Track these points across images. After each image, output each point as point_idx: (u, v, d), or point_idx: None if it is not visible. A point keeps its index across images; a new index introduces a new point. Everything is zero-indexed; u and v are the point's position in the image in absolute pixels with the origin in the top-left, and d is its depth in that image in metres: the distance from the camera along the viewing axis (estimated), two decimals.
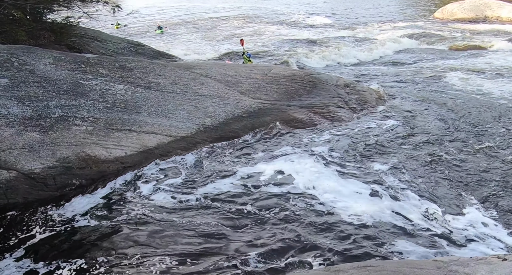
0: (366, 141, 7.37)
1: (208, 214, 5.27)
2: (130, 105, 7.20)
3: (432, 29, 19.69)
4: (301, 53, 16.07)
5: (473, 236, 4.84)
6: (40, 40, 9.63)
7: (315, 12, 29.64)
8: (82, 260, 4.51)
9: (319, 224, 4.95)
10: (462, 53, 15.18)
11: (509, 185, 5.97)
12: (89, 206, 5.57)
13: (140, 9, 35.15)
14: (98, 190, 5.95)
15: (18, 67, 6.91)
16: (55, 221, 5.28)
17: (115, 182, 6.14)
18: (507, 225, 5.06)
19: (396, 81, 11.61)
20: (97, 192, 5.90)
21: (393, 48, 16.63)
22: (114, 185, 6.06)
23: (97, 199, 5.73)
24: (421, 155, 6.85)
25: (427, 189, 5.80)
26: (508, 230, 4.96)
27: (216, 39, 21.22)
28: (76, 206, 5.58)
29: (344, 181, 5.97)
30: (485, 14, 21.66)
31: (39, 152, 5.90)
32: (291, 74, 9.72)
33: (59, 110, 6.56)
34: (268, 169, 6.35)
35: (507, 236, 4.84)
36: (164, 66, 8.58)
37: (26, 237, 4.99)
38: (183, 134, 7.14)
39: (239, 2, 40.25)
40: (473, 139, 7.49)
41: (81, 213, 5.43)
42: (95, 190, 5.96)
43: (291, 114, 8.37)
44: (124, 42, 13.11)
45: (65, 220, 5.30)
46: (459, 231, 4.93)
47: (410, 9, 28.30)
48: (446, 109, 9.01)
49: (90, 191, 5.93)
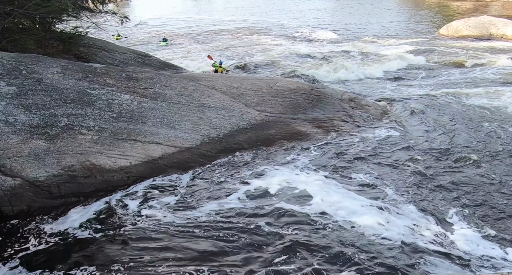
0: (371, 155, 7.38)
1: (213, 232, 5.13)
2: (136, 116, 7.24)
3: (437, 46, 19.77)
4: (306, 66, 16.16)
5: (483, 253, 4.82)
6: (49, 49, 9.73)
7: (320, 26, 29.83)
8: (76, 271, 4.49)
9: (338, 242, 4.92)
10: (466, 70, 15.21)
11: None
12: (91, 217, 5.55)
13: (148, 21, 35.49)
14: (101, 200, 5.94)
15: (26, 75, 6.98)
16: (55, 231, 5.26)
17: (118, 192, 6.14)
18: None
19: (401, 96, 11.64)
20: (99, 202, 5.89)
21: (398, 64, 16.68)
22: (116, 196, 6.03)
23: (98, 210, 5.70)
24: (424, 169, 6.84)
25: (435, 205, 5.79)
26: None
27: (219, 51, 21.37)
28: (77, 216, 5.57)
29: (353, 196, 5.96)
30: (490, 32, 21.74)
31: (44, 159, 5.93)
32: (296, 87, 9.76)
33: (65, 119, 6.60)
34: (274, 182, 6.33)
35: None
36: (170, 77, 8.65)
37: (24, 246, 4.96)
38: (187, 145, 7.16)
39: (245, 15, 40.61)
40: (477, 153, 7.47)
41: (82, 223, 5.40)
42: (98, 199, 5.95)
43: (295, 127, 8.39)
44: (131, 52, 13.22)
45: (65, 230, 5.27)
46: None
47: (415, 25, 28.44)
48: (451, 124, 9.01)
49: (93, 201, 5.92)
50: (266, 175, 6.63)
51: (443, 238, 5.08)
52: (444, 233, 5.18)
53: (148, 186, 6.31)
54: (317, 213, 5.51)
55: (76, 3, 10.35)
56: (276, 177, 6.54)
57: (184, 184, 6.39)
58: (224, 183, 6.39)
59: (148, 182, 6.41)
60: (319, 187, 6.21)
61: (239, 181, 6.46)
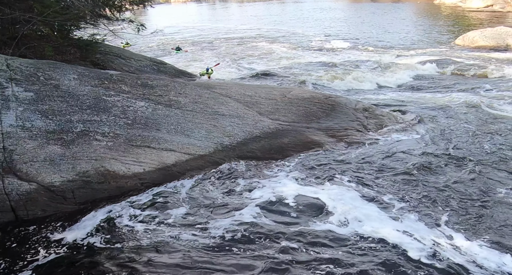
0: (386, 165, 7.32)
1: (226, 251, 5.00)
2: (150, 122, 7.29)
3: (453, 56, 19.59)
4: (320, 75, 16.14)
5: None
6: (66, 56, 9.87)
7: (335, 35, 29.82)
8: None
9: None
10: (482, 80, 15.05)
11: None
12: (103, 224, 5.59)
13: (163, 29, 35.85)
14: (113, 207, 5.98)
15: (43, 81, 7.08)
16: (68, 237, 5.31)
17: (131, 199, 6.17)
18: None
19: (415, 106, 11.54)
20: (111, 209, 5.93)
21: (412, 73, 16.56)
22: (129, 203, 6.06)
23: (111, 217, 5.73)
24: (438, 181, 6.75)
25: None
26: None
27: (233, 59, 21.52)
28: (90, 222, 5.61)
29: (375, 208, 5.93)
30: (507, 43, 21.49)
31: (59, 165, 6.00)
32: (310, 96, 9.75)
33: (81, 125, 6.68)
34: (290, 194, 6.29)
35: None
36: (185, 84, 8.71)
37: (36, 253, 5.00)
38: (201, 152, 7.19)
39: (261, 23, 40.79)
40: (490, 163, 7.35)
41: (94, 230, 5.44)
42: (111, 206, 5.99)
43: (309, 136, 8.37)
44: (147, 60, 13.36)
45: (77, 237, 5.31)
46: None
47: (431, 35, 28.27)
48: (467, 134, 8.89)
49: (106, 207, 5.96)
50: (279, 185, 6.61)
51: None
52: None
53: (161, 193, 6.33)
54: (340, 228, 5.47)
55: (94, 11, 10.48)
56: (289, 187, 6.52)
57: (197, 193, 6.39)
58: (238, 193, 6.37)
59: (161, 189, 6.44)
60: (336, 197, 6.17)
61: (253, 190, 6.44)
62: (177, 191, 6.42)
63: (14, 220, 5.58)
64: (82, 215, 5.76)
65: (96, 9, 10.61)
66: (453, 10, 47.19)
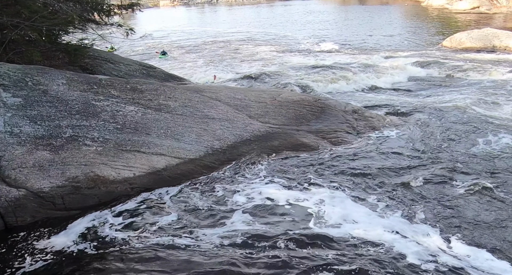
0: (375, 166, 7.37)
1: (217, 258, 4.91)
2: (140, 127, 7.28)
3: (441, 58, 19.79)
4: (309, 78, 16.22)
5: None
6: (55, 61, 9.81)
7: (324, 38, 29.97)
8: None
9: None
10: (470, 81, 15.23)
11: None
12: (92, 230, 5.55)
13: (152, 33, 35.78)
14: (103, 212, 5.94)
15: (32, 87, 7.04)
16: (56, 244, 5.25)
17: (121, 204, 6.14)
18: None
19: (404, 108, 11.64)
20: (101, 214, 5.89)
21: (401, 76, 16.71)
22: (119, 208, 6.02)
23: (100, 222, 5.69)
24: (426, 183, 6.82)
25: None
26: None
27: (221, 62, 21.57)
28: (79, 228, 5.57)
29: (364, 208, 5.97)
30: (493, 44, 21.77)
31: (49, 170, 5.96)
32: (299, 99, 9.80)
33: (70, 130, 6.65)
34: (280, 197, 6.30)
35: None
36: (174, 88, 8.70)
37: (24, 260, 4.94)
38: (191, 156, 7.18)
39: (250, 27, 40.88)
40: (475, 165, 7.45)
41: (83, 237, 5.39)
42: (100, 211, 5.95)
43: (299, 139, 8.40)
44: (136, 64, 13.31)
45: (66, 243, 5.25)
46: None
47: (418, 37, 28.53)
48: (455, 136, 8.99)
49: (95, 213, 5.92)
50: (269, 188, 6.62)
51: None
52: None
53: (151, 198, 6.31)
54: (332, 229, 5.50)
55: (82, 15, 10.43)
56: (279, 190, 6.54)
57: (186, 198, 6.37)
58: (228, 198, 6.35)
59: (151, 194, 6.42)
60: (326, 199, 6.20)
61: (242, 194, 6.44)
62: (167, 196, 6.40)
63: (2, 226, 5.53)
64: (72, 221, 5.71)
65: (84, 13, 10.57)
66: (440, 12, 47.70)
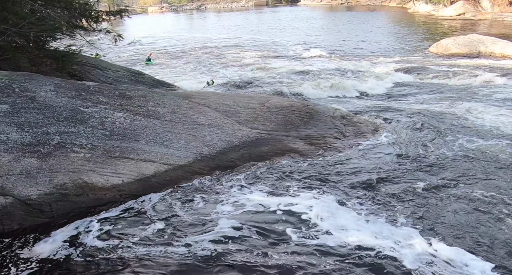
0: (363, 171, 7.43)
1: (207, 264, 4.87)
2: (129, 133, 7.26)
3: (427, 64, 20.04)
4: (298, 84, 16.30)
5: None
6: (42, 67, 9.76)
7: (313, 44, 30.19)
8: None
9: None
10: (456, 87, 15.43)
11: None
12: (79, 237, 5.47)
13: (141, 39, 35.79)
14: (91, 219, 5.88)
15: (19, 93, 6.99)
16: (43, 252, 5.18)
17: (109, 211, 6.09)
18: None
19: (392, 113, 11.75)
20: (89, 222, 5.83)
21: (389, 81, 16.86)
22: (107, 215, 5.97)
23: (87, 230, 5.63)
24: (412, 188, 6.89)
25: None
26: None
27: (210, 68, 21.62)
28: (66, 236, 5.49)
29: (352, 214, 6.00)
30: (479, 50, 22.11)
31: (36, 178, 5.91)
32: (288, 105, 9.84)
33: (58, 137, 6.61)
34: (273, 205, 6.27)
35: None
36: (163, 95, 8.70)
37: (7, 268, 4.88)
38: (180, 163, 7.17)
39: (239, 33, 41.02)
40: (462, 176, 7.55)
41: (70, 244, 5.31)
42: (88, 219, 5.90)
43: (288, 144, 8.44)
44: (124, 70, 13.29)
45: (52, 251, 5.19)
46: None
47: (406, 43, 28.86)
48: (442, 141, 9.10)
49: (83, 220, 5.87)
50: (258, 195, 6.62)
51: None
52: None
53: (139, 205, 6.27)
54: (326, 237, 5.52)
55: (70, 21, 10.40)
56: (269, 197, 6.55)
57: (175, 204, 6.34)
58: (217, 204, 6.33)
59: (140, 201, 6.38)
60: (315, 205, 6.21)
61: (232, 201, 6.43)
62: (155, 203, 6.36)
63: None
64: (59, 228, 5.65)
65: (72, 20, 10.54)
66: (427, 18, 48.35)
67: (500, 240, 5.43)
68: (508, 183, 7.07)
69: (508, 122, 10.39)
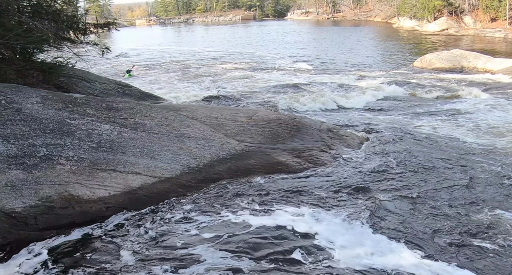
0: (349, 184, 7.51)
1: None
2: (116, 146, 7.25)
3: (412, 78, 20.40)
4: (284, 97, 16.44)
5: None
6: (29, 79, 9.72)
7: (299, 58, 30.55)
8: None
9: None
10: (440, 101, 15.72)
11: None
12: (64, 251, 5.44)
13: (128, 52, 35.81)
14: (77, 232, 5.85)
15: (5, 105, 6.96)
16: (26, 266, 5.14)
17: (95, 224, 6.06)
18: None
19: (377, 126, 11.91)
20: (74, 235, 5.80)
21: (374, 95, 17.09)
22: (92, 229, 5.94)
23: (72, 244, 5.60)
24: (396, 198, 6.98)
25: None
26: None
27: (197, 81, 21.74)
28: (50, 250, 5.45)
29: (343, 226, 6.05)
30: (462, 65, 22.59)
31: (21, 190, 5.86)
32: (275, 118, 9.93)
33: (44, 149, 6.57)
34: (260, 217, 6.28)
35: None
36: (151, 107, 8.72)
37: None
38: (167, 175, 7.17)
39: (226, 46, 41.32)
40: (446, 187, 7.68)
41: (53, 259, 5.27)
42: (74, 232, 5.87)
43: (275, 157, 8.49)
44: (112, 83, 13.29)
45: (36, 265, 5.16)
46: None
47: (390, 57, 29.37)
48: (424, 156, 9.24)
49: (69, 233, 5.83)
50: (246, 208, 6.64)
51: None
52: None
53: (126, 218, 6.23)
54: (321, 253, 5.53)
55: (57, 34, 10.41)
56: (258, 210, 6.56)
57: (162, 217, 6.31)
58: (204, 218, 6.30)
59: (126, 214, 6.35)
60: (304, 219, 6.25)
61: (219, 215, 6.41)
62: (141, 216, 6.33)
63: None
64: (43, 241, 5.61)
65: (59, 32, 10.56)
66: (411, 33, 49.30)
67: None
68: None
69: (475, 135, 10.63)
